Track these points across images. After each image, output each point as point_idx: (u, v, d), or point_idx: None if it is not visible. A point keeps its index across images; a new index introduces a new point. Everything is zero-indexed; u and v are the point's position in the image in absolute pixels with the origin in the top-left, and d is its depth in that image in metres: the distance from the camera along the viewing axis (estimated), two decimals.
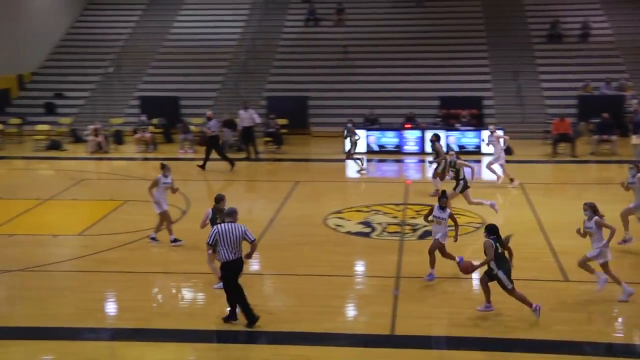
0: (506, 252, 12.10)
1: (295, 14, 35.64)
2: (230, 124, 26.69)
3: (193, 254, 15.34)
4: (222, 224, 12.06)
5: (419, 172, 24.56)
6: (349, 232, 17.21)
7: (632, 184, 15.70)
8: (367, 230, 17.34)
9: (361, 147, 25.29)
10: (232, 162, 23.56)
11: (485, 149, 25.61)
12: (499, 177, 21.02)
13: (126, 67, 32.49)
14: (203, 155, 23.70)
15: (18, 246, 16.41)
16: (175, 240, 15.91)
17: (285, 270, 14.84)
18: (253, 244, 12.05)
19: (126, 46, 34.26)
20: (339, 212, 18.78)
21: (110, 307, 13.30)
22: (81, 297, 13.34)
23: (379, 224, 17.80)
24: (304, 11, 35.28)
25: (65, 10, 35.50)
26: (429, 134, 26.26)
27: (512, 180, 20.89)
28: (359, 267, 15.63)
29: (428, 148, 25.93)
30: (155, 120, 28.11)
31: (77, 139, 28.03)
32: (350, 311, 13.26)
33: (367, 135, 26.43)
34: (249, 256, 12.13)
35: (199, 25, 35.23)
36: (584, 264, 13.06)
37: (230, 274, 12.09)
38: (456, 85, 30.60)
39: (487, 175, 21.62)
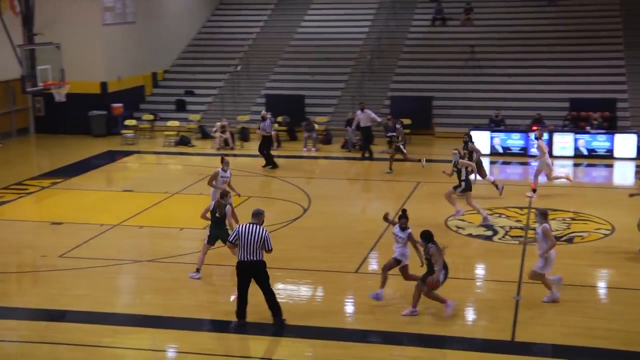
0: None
1: (422, 13, 35.34)
2: (352, 124, 26.74)
3: (312, 251, 15.47)
4: (245, 224, 11.91)
5: (543, 175, 23.80)
6: (470, 235, 16.91)
7: None
8: (489, 233, 16.98)
9: (484, 149, 24.74)
10: (274, 164, 23.52)
11: (617, 152, 24.65)
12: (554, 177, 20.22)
13: (254, 66, 33.16)
14: (327, 154, 23.88)
15: (147, 238, 17.06)
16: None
17: None
18: (268, 252, 11.88)
19: (254, 45, 34.99)
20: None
21: (231, 302, 13.60)
22: (203, 290, 13.71)
23: (502, 227, 17.40)
24: (431, 10, 34.95)
25: (198, 11, 36.64)
26: (557, 137, 25.52)
27: (534, 191, 20.05)
28: (480, 271, 15.33)
29: (556, 151, 25.19)
30: (279, 118, 28.55)
31: (205, 135, 28.85)
32: (470, 315, 13.02)
33: (492, 137, 25.87)
34: None
35: (325, 25, 35.52)
36: (536, 276, 12.83)
37: (242, 274, 11.95)
38: (588, 86, 29.47)
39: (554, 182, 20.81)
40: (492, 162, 25.07)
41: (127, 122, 29.23)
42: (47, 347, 11.65)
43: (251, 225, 11.90)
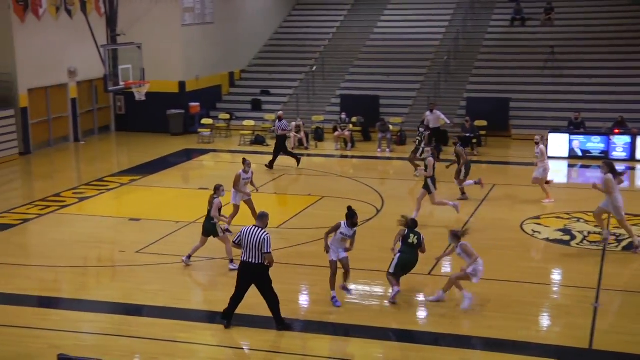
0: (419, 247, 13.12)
1: (501, 13, 34.81)
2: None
3: (384, 252, 15.41)
4: (249, 227, 12.01)
5: (627, 180, 23.14)
6: (547, 239, 16.56)
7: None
8: (567, 238, 16.60)
9: (554, 151, 24.16)
10: (298, 158, 23.66)
11: None
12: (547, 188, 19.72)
13: (329, 66, 33.24)
14: (401, 155, 23.77)
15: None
16: (227, 230, 15.84)
17: None
18: (266, 255, 11.79)
19: (330, 45, 35.07)
20: (537, 217, 18.13)
21: (303, 300, 13.65)
22: (276, 288, 13.78)
23: (580, 232, 16.99)
24: (510, 11, 34.38)
25: (275, 12, 36.93)
26: None
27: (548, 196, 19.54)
28: (556, 276, 14.99)
29: (639, 154, 24.45)
30: (354, 119, 28.54)
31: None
32: (546, 320, 12.76)
33: (571, 140, 25.28)
34: (269, 264, 11.90)
35: (402, 25, 35.33)
36: (455, 281, 12.86)
37: (242, 276, 11.98)
38: None
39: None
40: (570, 166, 24.52)
41: (204, 120, 29.70)
42: (124, 340, 11.92)
43: (254, 227, 11.96)
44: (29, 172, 24.65)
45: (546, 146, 20.06)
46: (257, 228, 11.98)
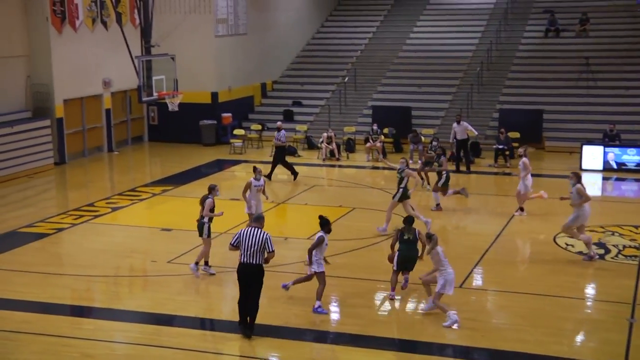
0: (420, 244, 13.65)
1: (535, 24, 34.60)
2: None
3: (417, 264, 15.36)
4: (247, 228, 12.11)
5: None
6: (580, 253, 16.37)
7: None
8: (601, 251, 16.40)
9: (588, 163, 24.00)
10: (295, 173, 23.59)
11: None
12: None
13: (361, 77, 33.27)
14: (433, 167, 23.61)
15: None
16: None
17: (510, 287, 14.43)
18: (271, 254, 12.06)
19: (362, 56, 35.11)
20: None
21: (334, 311, 13.64)
22: (307, 300, 13.80)
23: (614, 245, 16.78)
24: (544, 22, 34.16)
25: (307, 23, 37.05)
26: None
27: (521, 209, 19.47)
28: (590, 290, 14.82)
29: None
30: (386, 130, 28.52)
31: (311, 145, 29.14)
32: (579, 335, 12.61)
33: (605, 152, 24.99)
34: (265, 261, 12.08)
35: (435, 36, 35.27)
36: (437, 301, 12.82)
37: (240, 277, 12.08)
38: None
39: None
40: (605, 179, 24.24)
41: (236, 131, 29.88)
42: (155, 350, 12.00)
43: (253, 228, 12.10)
44: (64, 181, 24.98)
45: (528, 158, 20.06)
46: (256, 229, 12.12)
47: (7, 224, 19.18)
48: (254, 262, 12.02)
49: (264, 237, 12.01)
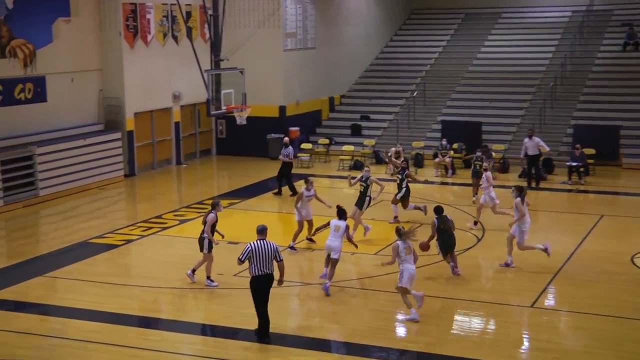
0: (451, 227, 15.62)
1: (612, 38, 33.89)
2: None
3: (485, 282, 15.16)
4: (255, 241, 12.73)
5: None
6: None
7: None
8: None
9: None
10: (295, 192, 23.15)
11: None
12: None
13: (430, 91, 33.10)
14: (503, 183, 23.38)
15: (316, 260, 17.34)
16: (292, 248, 17.67)
17: (584, 308, 14.09)
18: (281, 263, 12.78)
19: (432, 70, 34.94)
20: None
21: (400, 328, 13.54)
22: (372, 315, 13.75)
23: None
24: (622, 35, 33.43)
25: (377, 37, 37.05)
26: None
27: (476, 223, 19.68)
28: None
29: None
30: (455, 145, 28.27)
31: (379, 160, 29.08)
32: None
33: None
34: (280, 281, 12.92)
35: (506, 50, 34.87)
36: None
37: (259, 289, 12.71)
38: None
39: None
40: None
41: (303, 145, 30.06)
42: None
43: (261, 241, 12.77)
44: (133, 193, 25.50)
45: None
46: (264, 241, 12.77)
47: (78, 235, 19.67)
48: (268, 271, 12.72)
49: (275, 246, 12.77)
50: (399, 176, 20.52)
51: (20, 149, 23.14)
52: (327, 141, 30.68)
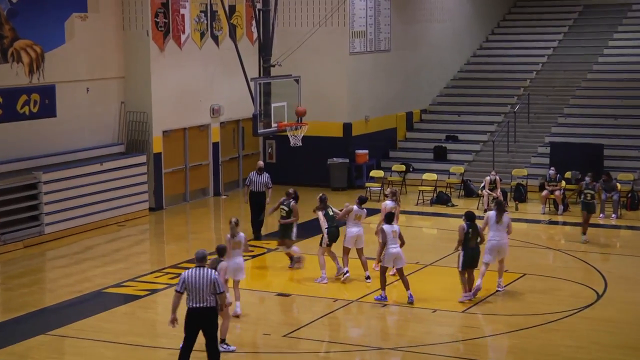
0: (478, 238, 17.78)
1: None
2: None
3: (614, 351, 14.92)
4: (191, 270, 13.30)
5: None
6: None
7: None
8: None
9: None
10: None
11: None
12: None
13: (536, 105, 32.85)
14: (632, 223, 23.07)
15: (392, 319, 17.25)
16: (345, 272, 19.25)
17: None
18: (221, 295, 13.28)
19: (539, 78, 34.74)
20: None
21: None
22: None
23: None
24: None
25: (468, 38, 36.91)
26: None
27: None
28: None
29: None
30: (568, 174, 27.91)
31: (469, 192, 28.88)
32: None
33: None
34: (220, 308, 13.49)
35: (637, 52, 34.45)
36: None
37: (191, 323, 13.32)
38: None
39: None
40: None
41: (373, 172, 30.03)
42: None
43: (198, 269, 13.25)
44: (160, 232, 25.74)
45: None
46: (202, 269, 13.27)
47: (93, 283, 19.89)
48: (206, 305, 13.19)
49: (213, 276, 13.24)
50: (283, 207, 20.98)
51: (23, 176, 23.47)
52: (403, 168, 30.63)
